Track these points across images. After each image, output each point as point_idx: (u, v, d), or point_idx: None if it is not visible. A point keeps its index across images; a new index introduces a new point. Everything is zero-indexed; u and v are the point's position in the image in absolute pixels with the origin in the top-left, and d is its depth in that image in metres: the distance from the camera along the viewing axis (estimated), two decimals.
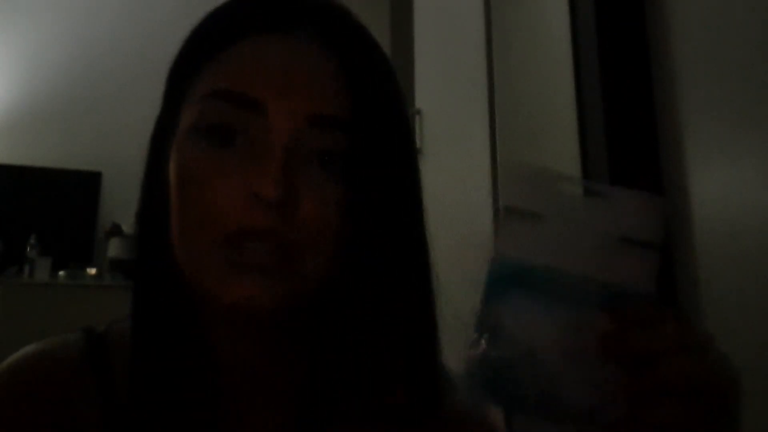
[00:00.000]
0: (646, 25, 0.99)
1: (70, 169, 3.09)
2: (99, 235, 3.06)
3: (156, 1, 3.35)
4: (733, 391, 0.32)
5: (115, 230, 3.02)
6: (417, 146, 1.91)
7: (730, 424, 0.32)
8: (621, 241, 0.32)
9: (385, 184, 0.42)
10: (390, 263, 0.42)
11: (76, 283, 2.77)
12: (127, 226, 3.04)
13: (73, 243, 3.02)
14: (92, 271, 2.85)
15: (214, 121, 0.39)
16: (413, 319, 0.43)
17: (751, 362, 0.78)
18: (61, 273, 2.79)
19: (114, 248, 2.97)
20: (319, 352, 0.43)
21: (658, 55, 0.97)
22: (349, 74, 0.41)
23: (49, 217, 2.99)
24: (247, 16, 0.42)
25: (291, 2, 0.43)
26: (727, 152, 0.84)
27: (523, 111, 1.36)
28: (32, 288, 2.72)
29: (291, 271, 0.39)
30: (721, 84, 0.85)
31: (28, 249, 2.81)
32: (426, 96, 1.93)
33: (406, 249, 0.43)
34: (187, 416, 0.41)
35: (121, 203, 3.04)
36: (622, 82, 0.98)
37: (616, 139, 0.96)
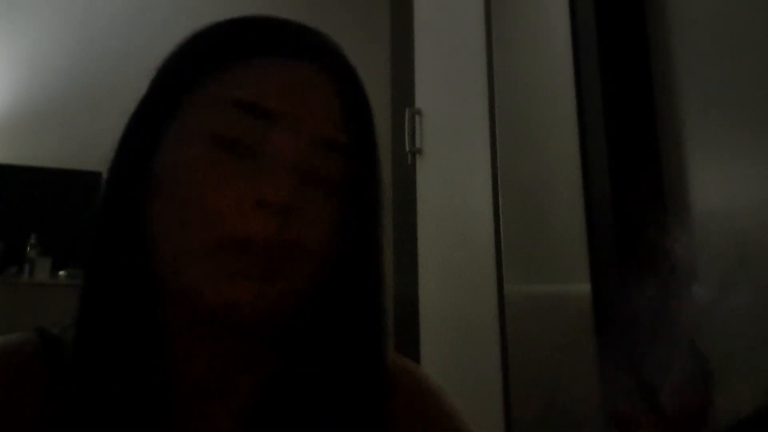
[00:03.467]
0: (646, 25, 0.99)
1: (70, 169, 3.09)
2: None
3: (156, 2, 3.35)
4: None
5: None
6: (417, 146, 1.91)
7: None
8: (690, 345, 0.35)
9: (367, 207, 0.46)
10: (361, 282, 0.46)
11: (76, 283, 2.76)
12: None
13: (73, 243, 3.02)
14: None
15: (231, 130, 0.42)
16: (371, 332, 0.47)
17: (751, 362, 0.78)
18: (61, 273, 2.79)
19: None
20: (284, 360, 0.45)
21: (658, 55, 0.97)
22: (346, 105, 0.45)
23: (49, 217, 2.99)
24: (261, 36, 0.46)
25: (297, 31, 0.47)
26: (727, 152, 0.84)
27: (523, 111, 1.36)
28: (32, 288, 2.72)
29: (280, 280, 0.41)
30: (721, 84, 0.85)
31: (28, 249, 2.80)
32: (426, 96, 1.93)
33: (374, 270, 0.47)
34: (137, 415, 0.41)
35: None
36: (622, 82, 0.98)
37: (616, 139, 0.96)
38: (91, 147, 3.24)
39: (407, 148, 1.96)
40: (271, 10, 0.49)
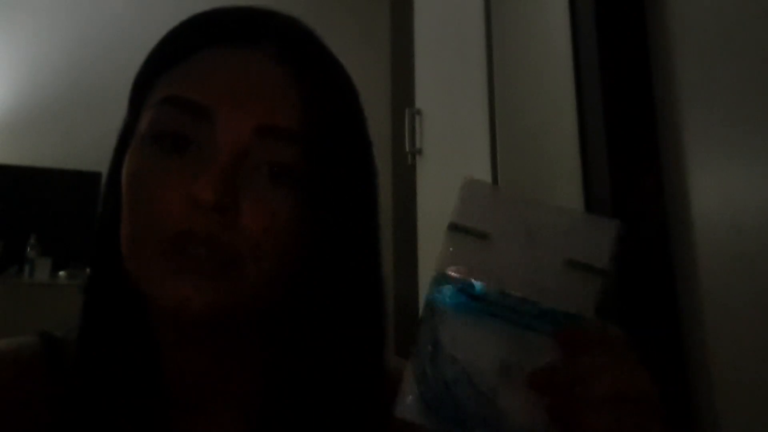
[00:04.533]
0: (646, 25, 0.99)
1: (70, 169, 3.09)
2: None
3: (156, 2, 3.35)
4: (655, 401, 0.33)
5: None
6: (417, 146, 1.91)
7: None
8: (566, 265, 0.33)
9: (334, 198, 0.42)
10: (341, 274, 0.43)
11: (76, 283, 2.77)
12: None
13: (73, 243, 3.02)
14: None
15: (165, 127, 0.40)
16: (364, 326, 0.44)
17: (751, 362, 0.78)
18: (61, 273, 2.79)
19: None
20: (274, 360, 0.43)
21: (658, 55, 0.97)
22: (302, 89, 0.42)
23: (49, 217, 2.99)
24: (206, 30, 0.44)
25: (252, 18, 0.44)
26: (727, 152, 0.84)
27: (523, 111, 1.36)
28: (32, 288, 2.72)
29: (229, 277, 0.39)
30: (721, 84, 0.85)
31: (28, 249, 2.80)
32: (426, 96, 1.93)
33: (357, 261, 0.44)
34: (135, 423, 0.41)
35: None
36: (622, 82, 0.98)
37: (616, 139, 0.96)
38: (91, 147, 3.23)
39: (407, 149, 1.96)
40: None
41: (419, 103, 1.96)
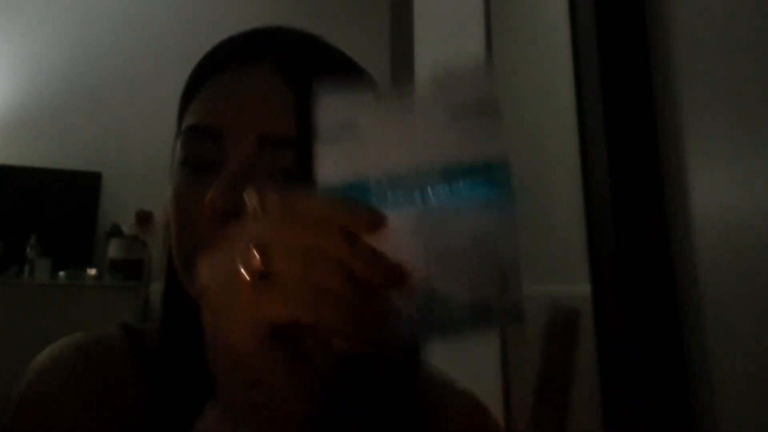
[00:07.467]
0: (646, 25, 0.99)
1: (70, 169, 3.09)
2: (99, 236, 3.06)
3: (156, 3, 3.35)
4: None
5: (115, 231, 3.02)
6: None
7: None
8: (452, 120, 0.30)
9: None
10: None
11: (76, 283, 2.77)
12: (127, 226, 3.04)
13: (73, 243, 3.02)
14: (92, 271, 2.86)
15: (189, 152, 0.46)
16: None
17: (751, 362, 0.78)
18: (61, 273, 2.80)
19: (114, 248, 2.97)
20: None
21: (658, 55, 0.97)
22: (296, 94, 0.44)
23: (49, 218, 3.00)
24: (218, 58, 0.48)
25: (255, 38, 0.48)
26: (728, 152, 0.84)
27: (522, 111, 1.36)
28: (32, 288, 2.72)
29: None
30: (721, 84, 0.85)
31: (28, 249, 2.81)
32: None
33: None
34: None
35: (121, 204, 3.04)
36: (622, 82, 0.98)
37: (616, 139, 0.96)
38: (91, 147, 3.24)
39: None
40: (271, 11, 0.49)
41: None
